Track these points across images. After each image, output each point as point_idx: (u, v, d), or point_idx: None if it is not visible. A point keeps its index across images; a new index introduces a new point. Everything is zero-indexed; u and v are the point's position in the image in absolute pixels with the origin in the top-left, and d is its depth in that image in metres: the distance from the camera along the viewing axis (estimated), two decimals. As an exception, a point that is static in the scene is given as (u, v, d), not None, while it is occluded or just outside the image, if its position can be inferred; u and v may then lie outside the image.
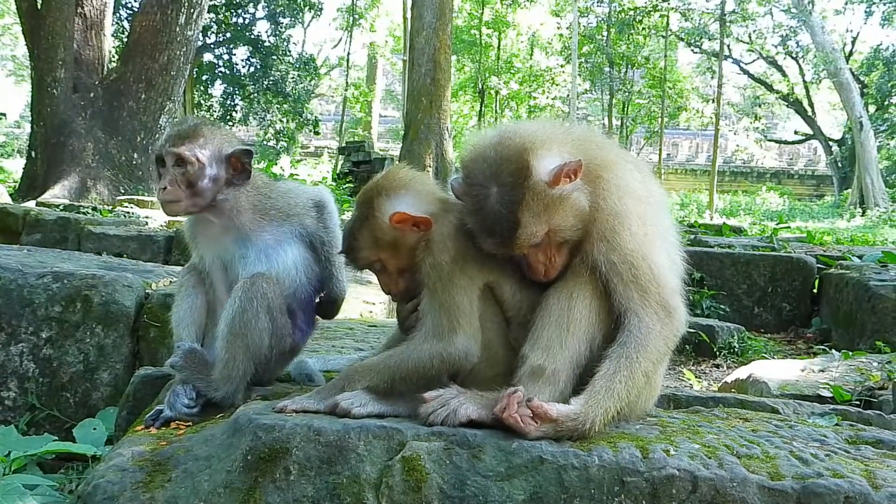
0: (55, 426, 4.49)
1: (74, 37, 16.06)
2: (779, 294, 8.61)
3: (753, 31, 43.12)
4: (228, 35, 34.00)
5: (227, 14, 32.94)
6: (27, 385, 4.55)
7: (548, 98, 45.98)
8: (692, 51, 44.68)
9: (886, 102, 42.00)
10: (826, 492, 2.24)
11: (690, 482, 2.27)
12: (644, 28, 39.19)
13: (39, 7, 15.71)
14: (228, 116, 34.07)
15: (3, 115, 47.49)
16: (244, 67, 35.01)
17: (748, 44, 43.91)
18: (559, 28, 43.98)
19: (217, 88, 36.15)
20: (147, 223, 10.64)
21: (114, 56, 19.18)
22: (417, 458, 2.35)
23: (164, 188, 3.03)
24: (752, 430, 2.71)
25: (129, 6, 29.25)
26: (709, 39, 40.66)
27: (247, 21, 34.58)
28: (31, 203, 12.82)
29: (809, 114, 45.51)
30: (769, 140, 51.52)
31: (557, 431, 2.39)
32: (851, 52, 44.76)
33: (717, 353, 7.01)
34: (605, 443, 2.41)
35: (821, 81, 44.25)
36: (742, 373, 5.26)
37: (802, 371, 5.05)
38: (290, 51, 36.05)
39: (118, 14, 27.61)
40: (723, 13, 36.09)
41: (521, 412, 2.36)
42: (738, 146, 51.45)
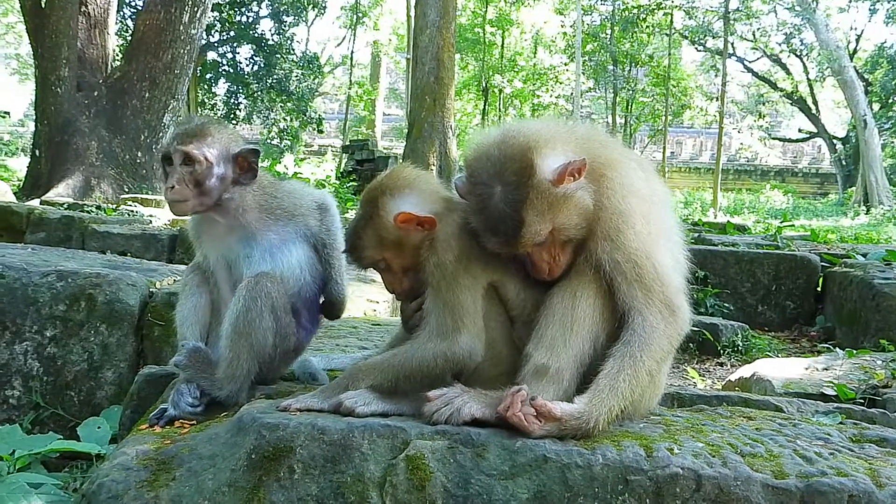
0: (59, 425, 4.50)
1: (78, 35, 16.09)
2: (783, 292, 8.60)
3: (757, 29, 43.05)
4: (232, 33, 34.05)
5: (231, 12, 32.97)
6: (31, 384, 4.56)
7: (551, 96, 46.02)
8: (696, 49, 44.66)
9: (890, 100, 41.93)
10: (830, 490, 2.24)
11: (694, 481, 2.27)
12: (648, 26, 39.22)
13: (43, 5, 15.73)
14: (232, 115, 34.09)
15: (7, 114, 47.54)
16: (248, 66, 35.07)
17: (752, 42, 43.84)
18: (563, 26, 44.02)
19: (221, 87, 36.23)
20: (151, 222, 10.66)
21: (117, 55, 19.22)
22: (421, 457, 2.35)
23: (172, 187, 3.00)
24: (756, 429, 2.71)
25: (133, 5, 29.29)
26: (713, 37, 40.65)
27: (250, 19, 34.64)
28: (35, 202, 12.83)
29: (813, 112, 45.43)
30: (773, 138, 51.43)
31: (561, 430, 2.39)
32: (856, 50, 44.65)
33: (721, 352, 6.99)
34: (609, 441, 2.41)
35: (825, 79, 44.18)
36: (746, 371, 5.25)
37: (806, 369, 5.04)
38: (294, 49, 36.08)
39: (122, 13, 27.65)
40: (727, 11, 36.08)
41: (525, 411, 2.36)
42: (742, 144, 51.37)
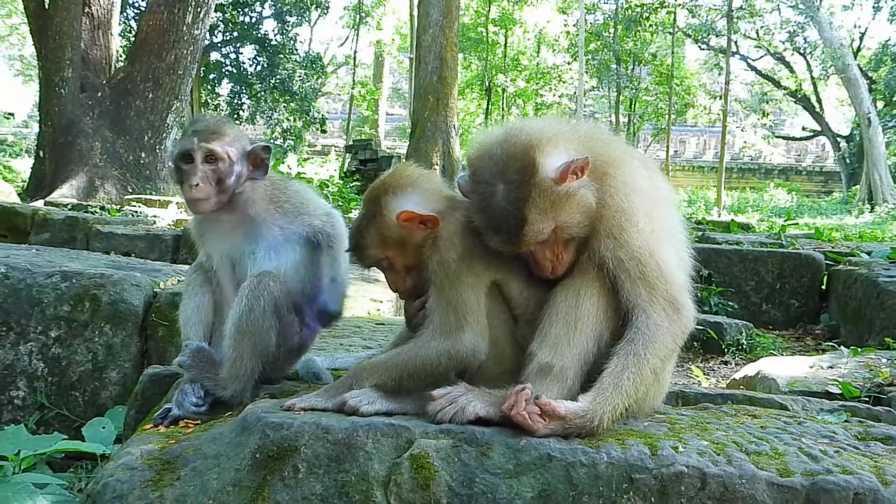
0: (64, 425, 4.50)
1: (82, 36, 16.13)
2: (787, 291, 8.59)
3: (761, 28, 43.01)
4: (235, 34, 34.06)
5: (234, 13, 33.00)
6: (36, 384, 4.56)
7: (555, 95, 46.00)
8: (699, 47, 44.61)
9: (895, 98, 41.81)
10: (835, 488, 2.23)
11: (699, 479, 2.27)
12: (651, 25, 39.18)
13: (47, 7, 15.77)
14: (235, 115, 34.08)
15: (12, 115, 47.62)
16: (251, 66, 35.06)
17: (755, 40, 43.78)
18: (566, 25, 43.95)
19: (224, 87, 36.24)
20: (155, 222, 10.67)
21: (121, 55, 19.24)
22: (426, 456, 2.35)
23: (196, 185, 3.00)
24: (761, 427, 2.71)
25: (137, 5, 29.29)
26: (716, 36, 40.61)
27: (254, 20, 34.64)
28: (40, 203, 12.86)
29: (817, 110, 45.36)
30: (777, 136, 51.35)
31: (566, 429, 2.39)
32: (859, 48, 44.57)
33: (726, 350, 6.99)
34: (614, 440, 2.41)
35: (829, 77, 44.14)
36: (750, 370, 5.24)
37: (811, 368, 5.03)
38: (297, 49, 36.10)
39: (125, 13, 27.69)
40: (730, 9, 36.03)
41: (530, 409, 2.36)
42: (746, 143, 51.27)
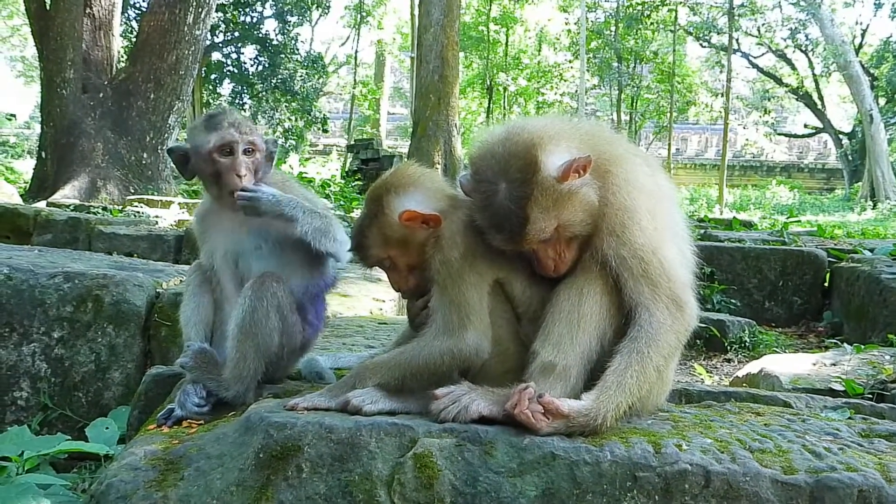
0: (68, 426, 4.51)
1: (83, 37, 16.13)
2: (790, 288, 8.59)
3: (762, 25, 42.98)
4: (236, 34, 34.07)
5: (235, 13, 33.02)
6: (39, 385, 4.56)
7: (556, 94, 45.96)
8: (701, 45, 44.55)
9: (896, 95, 41.81)
10: (839, 485, 2.23)
11: (703, 477, 2.27)
12: (652, 23, 39.17)
13: (48, 8, 15.77)
14: (237, 115, 34.02)
15: (13, 116, 47.66)
16: (252, 66, 35.06)
17: (757, 37, 43.73)
18: (567, 24, 43.91)
19: (226, 87, 36.25)
20: (157, 222, 10.69)
21: (122, 56, 19.22)
22: (429, 455, 2.34)
23: (245, 175, 3.03)
24: (765, 425, 2.70)
25: (138, 6, 29.31)
26: (717, 33, 40.54)
27: (255, 20, 34.64)
28: (42, 203, 12.87)
29: (819, 107, 45.31)
30: (779, 134, 51.31)
31: (569, 427, 2.38)
32: (861, 45, 44.52)
33: (729, 348, 6.99)
34: (617, 438, 2.40)
35: (830, 74, 44.04)
36: (753, 367, 5.24)
37: (814, 365, 5.03)
38: (298, 49, 36.10)
39: (126, 14, 27.69)
40: (731, 7, 35.99)
41: (533, 408, 2.36)
42: (748, 140, 51.22)
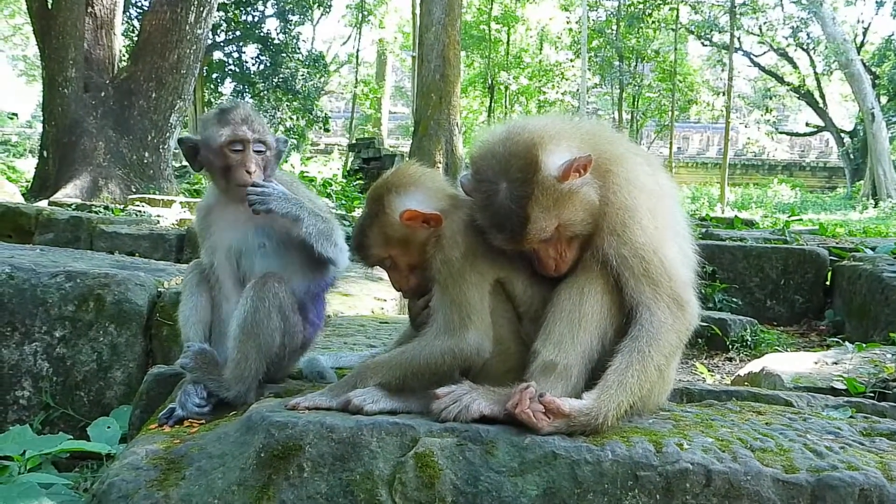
0: (69, 425, 4.51)
1: (85, 36, 16.12)
2: (791, 286, 8.58)
3: (764, 23, 42.89)
4: (238, 33, 34.04)
5: (237, 12, 32.99)
6: (41, 384, 4.57)
7: (557, 93, 45.96)
8: (702, 43, 44.50)
9: (898, 93, 41.75)
10: (841, 484, 2.23)
11: (704, 476, 2.27)
12: (654, 21, 39.14)
13: (50, 7, 15.77)
14: (239, 114, 34.01)
15: (15, 115, 47.72)
16: (254, 65, 35.03)
17: (759, 36, 43.67)
18: (568, 22, 43.92)
19: (227, 86, 36.19)
20: (159, 222, 10.68)
21: (124, 55, 19.22)
22: (430, 455, 2.35)
23: (254, 171, 3.03)
24: (766, 424, 2.70)
25: (139, 5, 29.25)
26: (719, 32, 40.48)
27: (256, 19, 34.60)
28: (44, 202, 12.87)
29: (821, 105, 45.26)
30: (780, 132, 51.28)
31: (570, 426, 2.38)
32: (863, 43, 44.45)
33: (730, 347, 6.99)
34: (618, 437, 2.40)
35: (832, 73, 43.94)
36: (755, 366, 5.24)
37: (816, 363, 5.03)
38: (300, 48, 36.02)
39: (128, 13, 27.65)
40: (733, 5, 35.97)
41: (534, 407, 2.36)
42: (750, 139, 51.22)
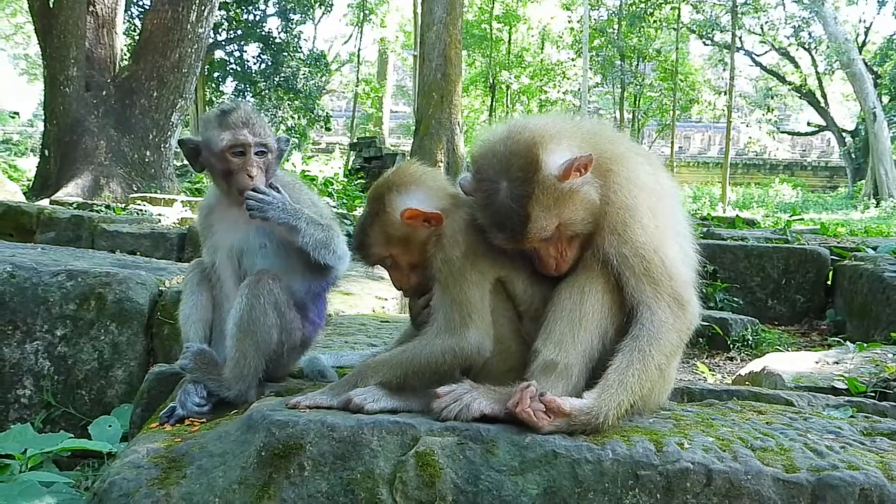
0: (70, 423, 4.51)
1: (86, 35, 16.13)
2: (792, 286, 8.57)
3: (765, 23, 42.90)
4: (239, 32, 34.08)
5: (238, 11, 33.01)
6: (42, 383, 4.57)
7: (559, 92, 45.97)
8: (704, 43, 44.50)
9: (900, 92, 41.73)
10: (841, 484, 2.23)
11: (705, 475, 2.27)
12: (655, 20, 39.13)
13: (51, 6, 15.78)
14: (240, 113, 34.02)
15: (17, 114, 47.77)
16: (255, 64, 35.07)
17: (760, 35, 43.68)
18: (570, 21, 43.96)
19: (228, 85, 36.28)
20: (160, 220, 10.69)
21: (126, 54, 19.24)
22: (431, 453, 2.35)
23: (256, 175, 3.02)
24: (767, 423, 2.70)
25: (141, 4, 29.31)
26: (720, 31, 40.47)
27: (258, 18, 34.64)
28: (45, 201, 12.89)
29: (822, 105, 45.26)
30: (782, 132, 51.30)
31: (571, 425, 2.38)
32: (864, 43, 44.46)
33: (731, 346, 6.98)
34: (619, 436, 2.40)
35: (834, 72, 43.95)
36: (756, 365, 5.23)
37: (817, 363, 5.02)
38: (301, 47, 36.06)
39: (129, 12, 27.68)
40: (734, 4, 35.97)
41: (534, 406, 2.36)
42: (751, 138, 51.24)
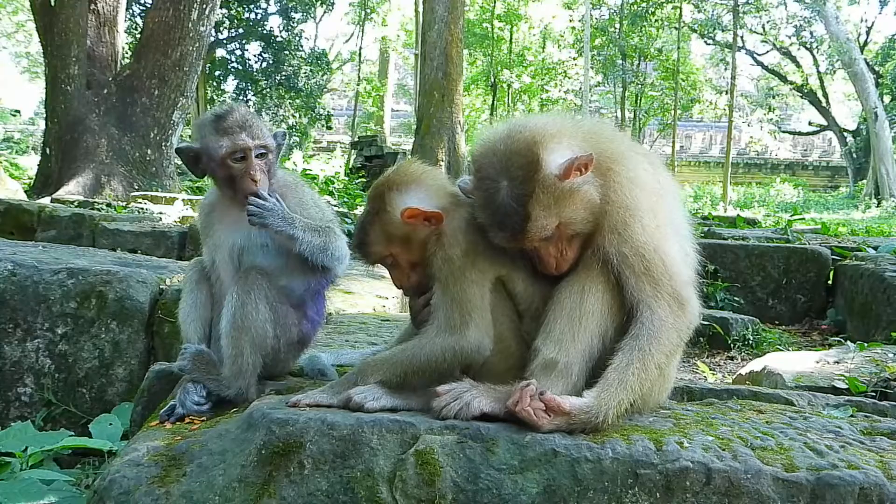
0: (71, 422, 4.52)
1: (88, 33, 16.11)
2: (793, 286, 8.57)
3: (767, 22, 42.85)
4: (241, 30, 34.08)
5: (240, 9, 33.00)
6: (43, 381, 4.58)
7: (560, 91, 45.90)
8: (705, 42, 44.41)
9: (901, 92, 41.68)
10: (841, 483, 2.23)
11: (704, 474, 2.27)
12: (657, 20, 39.07)
13: (53, 4, 15.76)
14: (241, 112, 34.03)
15: (18, 112, 47.75)
16: (256, 63, 35.07)
17: (762, 34, 43.64)
18: (571, 21, 43.90)
19: (230, 84, 36.29)
20: (161, 219, 10.68)
21: (127, 52, 19.25)
22: (431, 452, 2.35)
23: (260, 179, 3.01)
24: (767, 422, 2.70)
25: (142, 2, 29.32)
26: (722, 30, 40.42)
27: (259, 16, 34.65)
28: (46, 200, 12.90)
29: (824, 104, 45.20)
30: (783, 131, 51.23)
31: (570, 424, 2.39)
32: (866, 42, 44.40)
33: (732, 346, 6.98)
34: (619, 435, 2.41)
35: (835, 72, 43.94)
36: (756, 365, 5.24)
37: (817, 363, 5.02)
38: (303, 46, 36.07)
39: (131, 10, 27.68)
40: (736, 4, 35.89)
41: (534, 405, 2.36)
42: (752, 138, 51.15)
